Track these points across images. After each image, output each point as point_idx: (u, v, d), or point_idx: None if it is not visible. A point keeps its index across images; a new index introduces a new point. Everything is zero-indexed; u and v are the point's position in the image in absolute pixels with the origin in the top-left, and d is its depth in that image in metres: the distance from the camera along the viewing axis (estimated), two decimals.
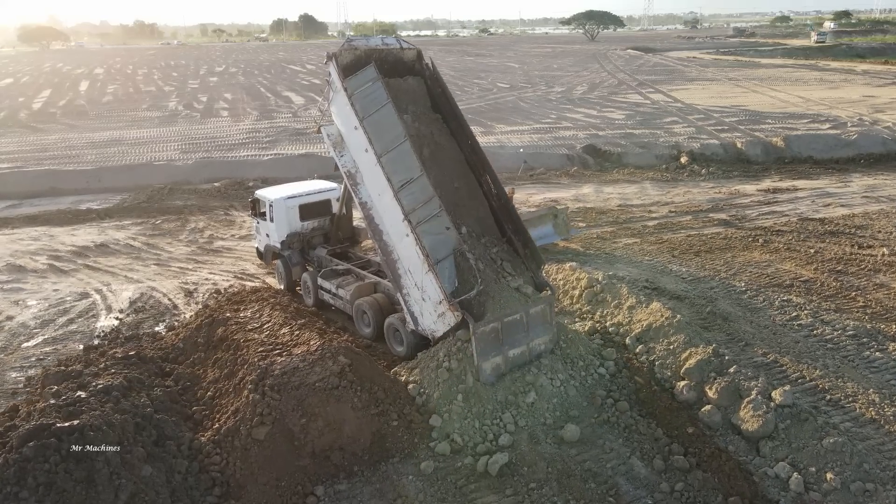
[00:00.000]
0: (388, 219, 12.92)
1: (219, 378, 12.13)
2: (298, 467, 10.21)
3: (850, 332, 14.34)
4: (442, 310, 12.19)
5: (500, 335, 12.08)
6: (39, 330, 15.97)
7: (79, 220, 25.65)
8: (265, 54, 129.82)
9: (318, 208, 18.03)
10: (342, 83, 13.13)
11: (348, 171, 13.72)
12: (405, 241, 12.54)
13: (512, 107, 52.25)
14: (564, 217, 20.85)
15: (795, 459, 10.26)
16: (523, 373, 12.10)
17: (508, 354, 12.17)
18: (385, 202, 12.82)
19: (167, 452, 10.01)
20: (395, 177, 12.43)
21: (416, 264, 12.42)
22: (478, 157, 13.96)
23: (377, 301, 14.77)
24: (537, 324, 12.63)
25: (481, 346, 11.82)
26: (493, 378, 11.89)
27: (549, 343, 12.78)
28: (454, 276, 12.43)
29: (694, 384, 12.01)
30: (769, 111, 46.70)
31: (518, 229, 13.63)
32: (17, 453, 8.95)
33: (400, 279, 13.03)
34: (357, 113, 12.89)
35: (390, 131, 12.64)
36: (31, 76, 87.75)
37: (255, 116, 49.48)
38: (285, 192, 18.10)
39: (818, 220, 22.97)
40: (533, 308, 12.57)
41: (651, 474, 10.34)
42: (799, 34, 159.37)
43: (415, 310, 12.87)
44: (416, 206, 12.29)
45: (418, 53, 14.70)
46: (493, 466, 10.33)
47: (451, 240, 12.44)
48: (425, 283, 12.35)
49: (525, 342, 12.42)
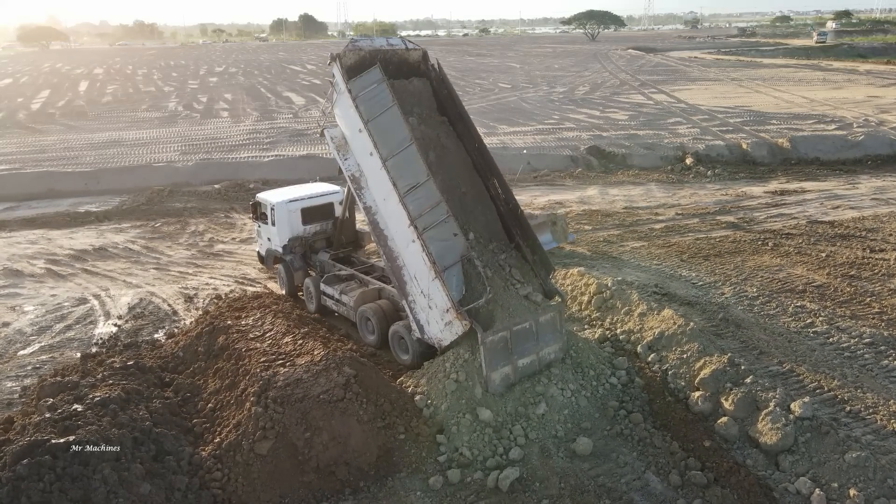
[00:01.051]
0: (394, 224, 12.62)
1: (220, 389, 11.78)
2: (302, 483, 9.88)
3: (867, 339, 13.99)
4: (449, 318, 11.86)
5: (508, 344, 11.75)
6: (36, 337, 15.62)
7: (77, 222, 25.32)
8: (265, 54, 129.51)
9: (321, 212, 17.66)
10: (346, 85, 12.85)
11: (352, 175, 13.42)
12: (411, 248, 12.24)
13: (514, 107, 51.91)
14: (563, 223, 20.41)
15: (817, 474, 9.92)
16: (533, 383, 11.79)
17: (518, 364, 11.84)
18: (390, 207, 12.52)
19: (166, 468, 9.67)
20: (401, 181, 12.15)
21: (423, 271, 12.12)
22: (485, 159, 13.67)
23: (381, 308, 14.40)
24: (547, 332, 12.30)
25: (490, 355, 11.48)
26: (501, 388, 11.56)
27: (559, 352, 12.46)
28: (462, 283, 12.11)
29: (709, 395, 11.66)
30: (773, 112, 46.38)
31: (526, 234, 13.32)
32: (11, 471, 8.64)
33: (405, 286, 12.70)
34: (361, 115, 12.60)
35: (396, 134, 12.35)
36: (30, 76, 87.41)
37: (256, 117, 49.15)
38: (287, 196, 17.75)
39: (828, 223, 22.63)
40: (542, 316, 12.26)
41: (667, 490, 10.00)
42: (800, 34, 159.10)
43: (421, 317, 12.55)
44: (423, 212, 12.00)
45: (424, 54, 14.40)
46: (503, 482, 10.00)
47: (459, 246, 12.13)
48: (432, 290, 12.02)
49: (534, 351, 12.09)
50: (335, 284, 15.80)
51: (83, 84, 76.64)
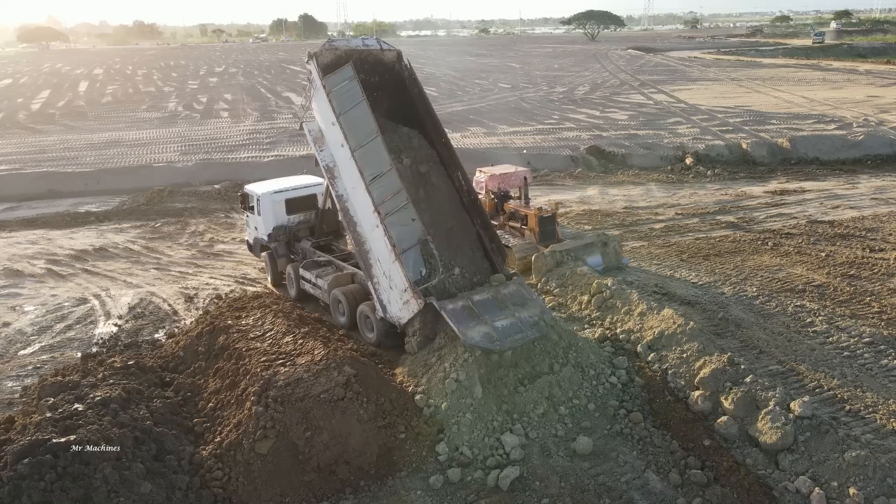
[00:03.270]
0: (361, 210, 13.55)
1: (220, 388, 11.79)
2: (303, 482, 9.90)
3: (867, 339, 14.01)
4: (407, 297, 12.80)
5: (474, 310, 12.38)
6: (37, 337, 15.64)
7: (77, 223, 25.33)
8: (265, 54, 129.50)
9: (305, 202, 18.48)
10: (321, 81, 13.84)
11: (327, 166, 14.35)
12: (375, 232, 13.19)
13: (514, 107, 51.93)
14: (616, 245, 18.64)
15: (816, 473, 9.93)
16: (533, 382, 11.78)
17: (496, 324, 12.18)
18: (359, 195, 13.46)
19: (167, 468, 9.69)
20: (367, 170, 13.10)
21: (385, 253, 13.07)
22: (450, 154, 14.66)
23: (352, 291, 15.18)
24: (516, 301, 12.88)
25: (454, 317, 12.09)
26: (485, 342, 11.78)
27: (540, 314, 12.77)
28: (419, 264, 13.10)
29: (709, 394, 11.67)
30: (773, 111, 46.37)
31: (485, 224, 14.39)
32: (12, 470, 8.66)
33: (371, 268, 13.64)
34: (334, 109, 13.57)
35: (364, 127, 13.34)
36: (30, 77, 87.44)
37: (256, 117, 49.16)
38: (273, 187, 18.70)
39: (827, 223, 22.64)
40: (504, 289, 13.02)
41: (667, 489, 10.01)
42: (799, 34, 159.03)
43: (384, 298, 13.46)
44: (385, 199, 12.97)
45: (398, 55, 15.24)
46: (503, 481, 10.02)
47: (417, 231, 13.10)
48: (392, 271, 12.98)
49: (510, 315, 12.47)
50: (313, 269, 16.61)
51: (83, 84, 76.67)
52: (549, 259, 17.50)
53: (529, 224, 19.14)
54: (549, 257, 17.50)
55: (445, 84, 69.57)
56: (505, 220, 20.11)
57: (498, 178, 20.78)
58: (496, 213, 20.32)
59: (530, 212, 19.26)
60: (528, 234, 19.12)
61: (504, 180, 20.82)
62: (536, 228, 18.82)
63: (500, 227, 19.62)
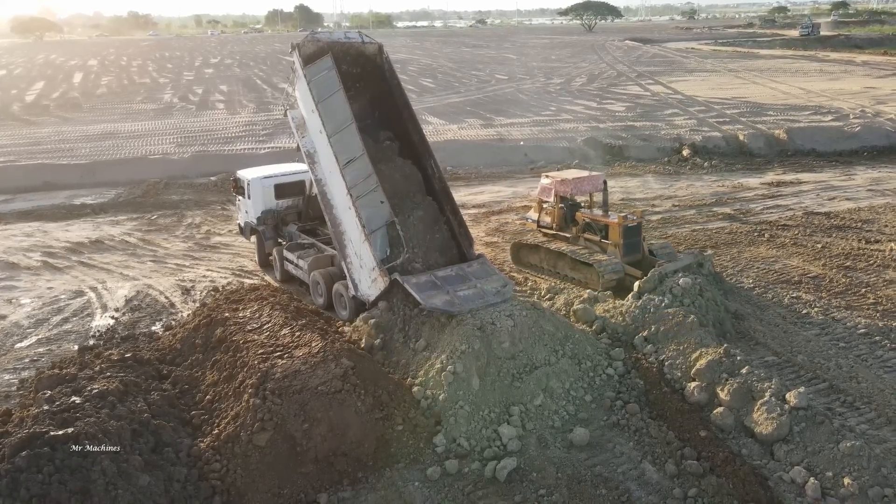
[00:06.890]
0: (337, 193, 14.45)
1: (218, 381, 11.79)
2: (301, 474, 9.92)
3: (862, 329, 14.09)
4: (374, 275, 13.70)
5: (437, 283, 13.10)
6: (33, 329, 15.61)
7: (73, 215, 25.24)
8: (261, 45, 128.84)
9: (293, 188, 19.12)
10: (303, 70, 14.66)
11: (307, 152, 15.24)
12: (348, 214, 14.09)
13: (511, 98, 51.80)
14: (710, 265, 16.30)
15: (811, 464, 9.99)
16: (530, 374, 11.82)
17: (458, 294, 12.87)
18: (335, 179, 14.37)
19: (165, 460, 9.70)
20: (342, 155, 13.96)
21: (356, 234, 13.98)
22: (423, 144, 15.67)
23: (329, 273, 15.85)
24: (480, 275, 13.61)
25: (417, 289, 12.82)
26: (446, 306, 12.48)
27: (502, 285, 13.41)
28: (386, 245, 13.96)
29: (705, 385, 11.72)
30: (770, 103, 46.35)
31: (454, 210, 15.07)
32: (10, 463, 8.64)
33: (345, 248, 14.59)
34: (314, 97, 14.38)
35: (340, 115, 14.23)
36: (24, 68, 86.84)
37: (252, 109, 48.96)
38: (262, 173, 19.52)
39: (824, 215, 22.69)
40: (469, 268, 13.82)
41: (663, 479, 10.07)
42: (796, 25, 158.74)
43: (355, 276, 14.39)
44: (357, 182, 13.83)
45: (379, 48, 16.13)
46: (501, 472, 10.07)
47: (385, 213, 13.95)
48: (362, 251, 13.92)
49: (472, 286, 13.19)
50: (296, 251, 17.29)
51: (77, 76, 76.19)
52: (654, 281, 14.61)
53: (611, 237, 16.63)
54: (656, 279, 14.59)
55: (442, 75, 69.36)
56: (578, 232, 17.49)
57: (571, 184, 17.77)
58: (565, 223, 17.88)
59: (613, 221, 16.60)
60: (610, 248, 16.61)
61: (577, 186, 17.89)
62: (621, 241, 16.32)
63: (574, 239, 17.44)
